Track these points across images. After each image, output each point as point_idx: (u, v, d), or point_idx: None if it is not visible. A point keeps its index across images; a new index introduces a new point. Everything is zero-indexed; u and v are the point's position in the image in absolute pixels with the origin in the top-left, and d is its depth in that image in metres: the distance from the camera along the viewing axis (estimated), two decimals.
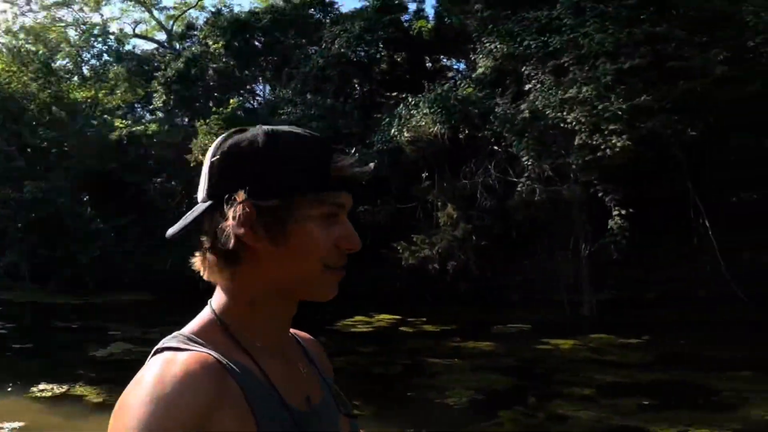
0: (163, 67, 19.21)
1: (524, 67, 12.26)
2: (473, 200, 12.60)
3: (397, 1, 16.17)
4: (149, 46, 26.55)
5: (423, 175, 13.21)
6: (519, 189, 11.70)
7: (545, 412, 5.81)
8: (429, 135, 12.72)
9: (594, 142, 10.64)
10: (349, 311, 11.69)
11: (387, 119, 13.66)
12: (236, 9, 27.84)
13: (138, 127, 18.23)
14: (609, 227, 10.55)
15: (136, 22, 28.18)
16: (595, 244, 10.94)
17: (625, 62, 10.77)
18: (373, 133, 13.87)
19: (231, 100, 16.25)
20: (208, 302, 0.92)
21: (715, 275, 10.46)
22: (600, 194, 10.72)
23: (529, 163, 11.60)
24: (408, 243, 12.89)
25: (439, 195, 13.01)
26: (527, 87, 12.13)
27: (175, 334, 0.87)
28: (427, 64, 16.62)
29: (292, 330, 1.04)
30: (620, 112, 10.39)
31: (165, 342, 0.85)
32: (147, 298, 14.84)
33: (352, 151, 1.20)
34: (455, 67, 16.97)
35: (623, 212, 10.42)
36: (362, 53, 15.26)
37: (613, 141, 10.37)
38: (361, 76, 15.91)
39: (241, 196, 0.83)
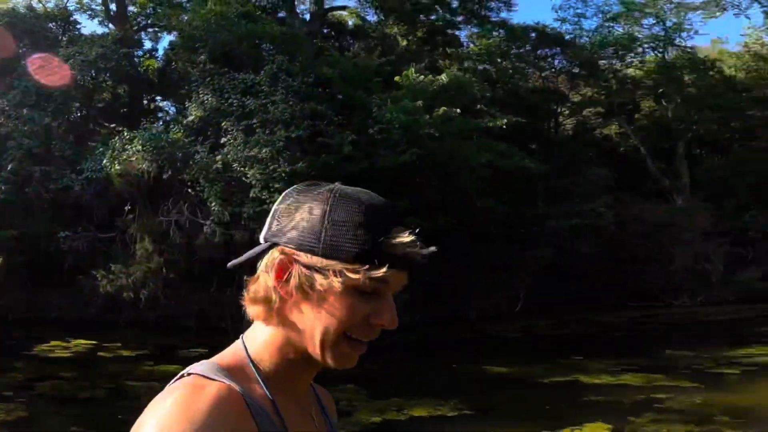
0: None
1: (225, 122, 13.23)
2: (167, 236, 13.19)
3: (136, 36, 16.54)
4: None
5: (126, 207, 13.63)
6: (204, 230, 12.56)
7: None
8: (138, 170, 13.23)
9: (263, 196, 11.86)
10: (46, 336, 11.51)
11: (101, 149, 13.83)
12: None
13: None
14: None
15: None
16: None
17: (294, 132, 12.16)
18: (84, 159, 13.95)
19: None
20: (241, 338, 0.92)
21: None
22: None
23: (215, 208, 12.49)
24: (106, 271, 13.15)
25: (138, 228, 13.49)
26: (223, 140, 13.06)
27: (204, 361, 0.87)
28: (145, 102, 17.08)
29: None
30: (284, 174, 11.69)
31: (194, 368, 0.85)
32: None
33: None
34: (168, 109, 17.63)
35: None
36: (89, 79, 15.37)
37: (276, 198, 11.69)
38: (84, 101, 15.93)
39: (281, 245, 0.84)
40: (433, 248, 0.86)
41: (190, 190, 13.28)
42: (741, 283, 16.52)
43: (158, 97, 17.30)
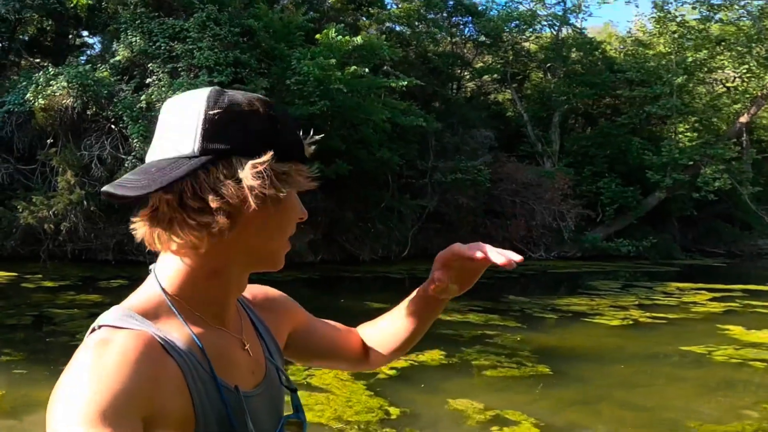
0: None
1: (151, 64, 13.45)
2: (89, 169, 13.42)
3: None
4: None
5: (48, 141, 13.71)
6: (126, 165, 12.83)
7: None
8: (62, 105, 13.35)
9: None
10: None
11: (24, 82, 13.69)
12: None
13: None
14: None
15: None
16: None
17: (216, 77, 12.56)
18: (6, 92, 13.78)
19: None
20: (151, 270, 0.82)
21: None
22: None
23: (137, 144, 12.81)
24: (27, 203, 13.08)
25: (60, 161, 13.64)
26: (148, 81, 13.31)
27: (115, 307, 0.77)
28: (71, 37, 16.68)
29: (246, 291, 0.93)
30: None
31: (103, 318, 0.76)
32: None
33: None
34: (95, 46, 17.22)
35: None
36: (13, 11, 14.77)
37: None
38: (6, 34, 15.45)
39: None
40: (314, 137, 0.84)
41: (113, 126, 13.43)
42: (587, 242, 18.15)
43: (84, 33, 16.93)
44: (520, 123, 21.36)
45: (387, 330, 1.12)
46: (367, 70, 14.66)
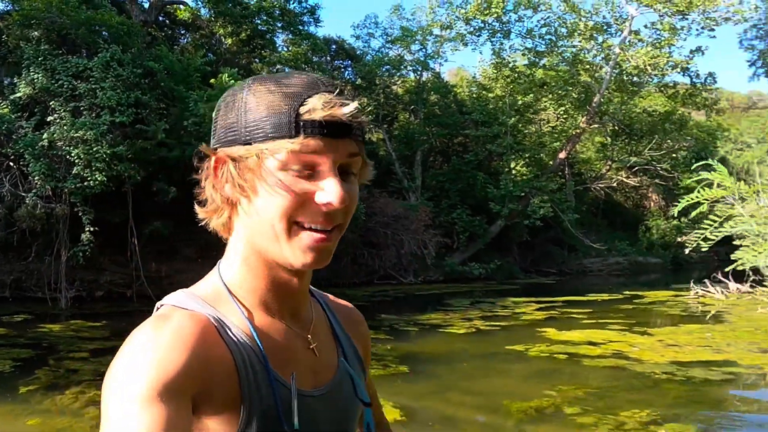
0: None
1: (53, 102, 13.19)
2: None
3: None
4: None
5: None
6: (27, 202, 12.50)
7: (64, 368, 7.02)
8: None
9: (85, 175, 12.29)
10: None
11: None
12: None
13: None
14: (81, 239, 12.25)
15: None
16: (71, 251, 12.53)
17: (118, 117, 12.65)
18: None
19: None
20: (219, 262, 0.79)
21: (138, 279, 13.12)
22: (80, 213, 12.32)
23: (39, 182, 12.53)
24: None
25: None
26: (50, 119, 13.06)
27: (180, 290, 0.76)
28: None
29: (330, 297, 0.90)
30: (105, 156, 12.27)
31: (167, 297, 0.75)
32: None
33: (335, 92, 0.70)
34: None
35: (92, 229, 12.25)
36: None
37: (97, 176, 12.19)
38: None
39: (203, 147, 0.73)
40: (354, 103, 0.70)
41: (12, 164, 13.08)
42: (447, 266, 19.47)
43: None
44: (389, 161, 22.62)
45: None
46: None
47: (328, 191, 0.69)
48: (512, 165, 22.90)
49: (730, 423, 5.35)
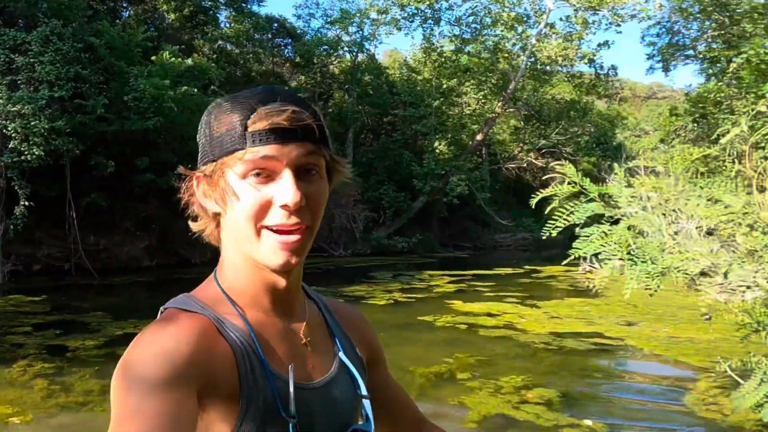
0: None
1: None
2: None
3: None
4: None
5: None
6: None
7: (8, 342, 6.97)
8: None
9: (22, 149, 12.08)
10: None
11: None
12: None
13: None
14: (14, 213, 12.06)
15: None
16: (3, 225, 12.25)
17: (57, 92, 12.44)
18: None
19: None
20: (215, 269, 0.84)
21: (77, 252, 13.18)
22: (16, 188, 12.10)
23: None
24: None
25: None
26: None
27: (182, 294, 0.80)
28: None
29: (332, 300, 0.94)
30: (43, 130, 12.10)
31: (170, 302, 0.79)
32: None
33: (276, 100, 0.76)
34: None
35: (26, 203, 12.08)
36: None
37: (35, 151, 12.05)
38: None
39: (181, 168, 0.78)
40: (289, 108, 0.73)
41: None
42: (374, 240, 20.11)
43: None
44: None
45: None
46: (196, 90, 15.47)
47: (283, 193, 0.72)
48: (435, 145, 23.56)
49: (588, 389, 5.74)
